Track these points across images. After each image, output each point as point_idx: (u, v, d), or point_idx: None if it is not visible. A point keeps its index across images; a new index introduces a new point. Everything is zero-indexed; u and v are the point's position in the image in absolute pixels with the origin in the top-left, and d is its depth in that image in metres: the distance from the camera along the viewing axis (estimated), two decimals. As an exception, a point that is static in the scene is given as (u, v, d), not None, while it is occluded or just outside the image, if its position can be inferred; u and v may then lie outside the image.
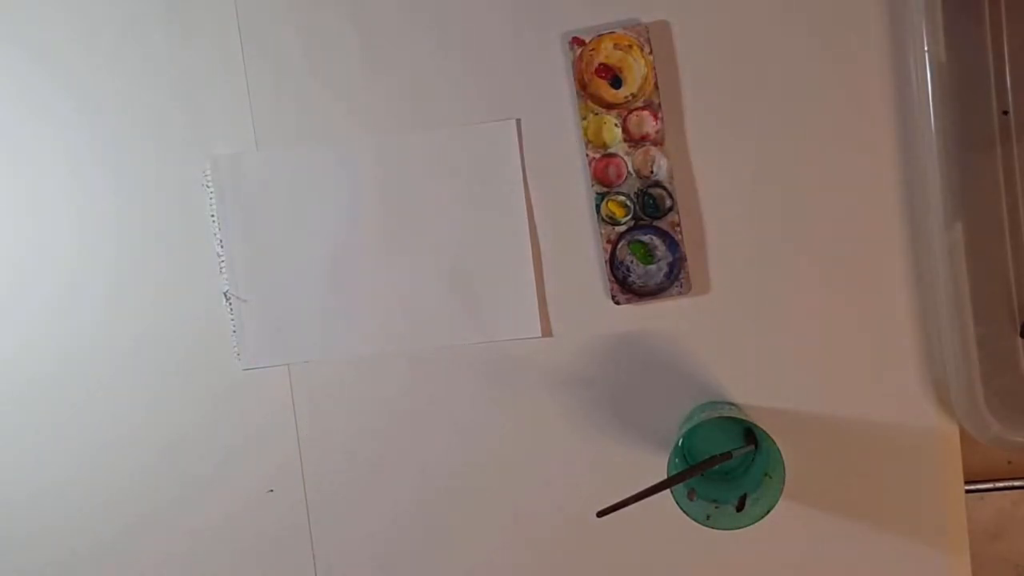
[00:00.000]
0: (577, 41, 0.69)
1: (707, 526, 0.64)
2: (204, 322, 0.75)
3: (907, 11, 0.64)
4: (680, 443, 0.65)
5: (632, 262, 0.71)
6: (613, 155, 0.70)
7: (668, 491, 0.64)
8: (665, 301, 0.71)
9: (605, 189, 0.70)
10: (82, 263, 0.75)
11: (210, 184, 0.74)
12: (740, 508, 0.65)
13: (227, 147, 0.74)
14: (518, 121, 0.71)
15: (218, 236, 0.74)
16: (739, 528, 0.64)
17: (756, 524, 0.63)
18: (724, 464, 0.71)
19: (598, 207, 0.70)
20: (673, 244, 0.70)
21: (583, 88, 0.69)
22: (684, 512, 0.64)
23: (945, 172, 0.63)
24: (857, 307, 0.69)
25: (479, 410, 0.74)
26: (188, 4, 0.73)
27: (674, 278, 0.70)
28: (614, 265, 0.70)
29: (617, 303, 0.71)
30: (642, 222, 0.70)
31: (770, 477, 0.65)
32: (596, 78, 0.70)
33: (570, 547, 0.74)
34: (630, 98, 0.69)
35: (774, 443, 0.63)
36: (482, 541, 0.74)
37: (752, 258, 0.70)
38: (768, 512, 0.63)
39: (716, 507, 0.66)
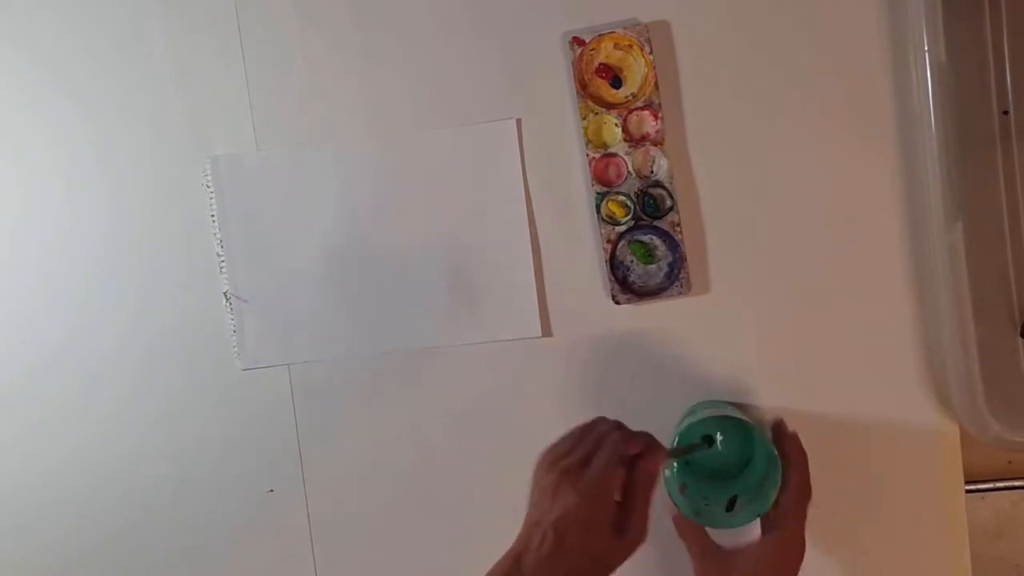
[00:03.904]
0: (577, 41, 0.69)
1: (697, 522, 0.64)
2: (204, 322, 0.75)
3: (907, 11, 0.64)
4: (677, 441, 0.65)
5: (632, 262, 0.71)
6: (613, 155, 0.70)
7: (664, 489, 0.64)
8: (665, 301, 0.71)
9: (605, 189, 0.70)
10: (82, 263, 0.75)
11: (210, 184, 0.74)
12: (730, 509, 0.65)
13: (227, 147, 0.74)
14: (518, 121, 0.71)
15: (218, 236, 0.74)
16: (728, 528, 0.64)
17: (754, 524, 0.64)
18: (720, 463, 0.71)
19: (598, 207, 0.70)
20: (673, 244, 0.70)
21: (583, 88, 0.69)
22: (676, 505, 0.64)
23: (945, 172, 0.63)
24: (857, 307, 0.69)
25: (479, 410, 0.74)
26: (188, 4, 0.73)
27: (674, 278, 0.70)
28: (614, 265, 0.70)
29: (617, 303, 0.71)
30: (642, 222, 0.70)
31: (764, 483, 0.65)
32: (596, 78, 0.70)
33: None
34: (630, 98, 0.69)
35: (773, 448, 0.63)
36: (482, 540, 0.74)
37: (752, 258, 0.70)
38: (758, 516, 0.63)
39: (706, 504, 0.66)
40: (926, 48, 0.62)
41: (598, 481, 0.50)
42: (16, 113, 0.75)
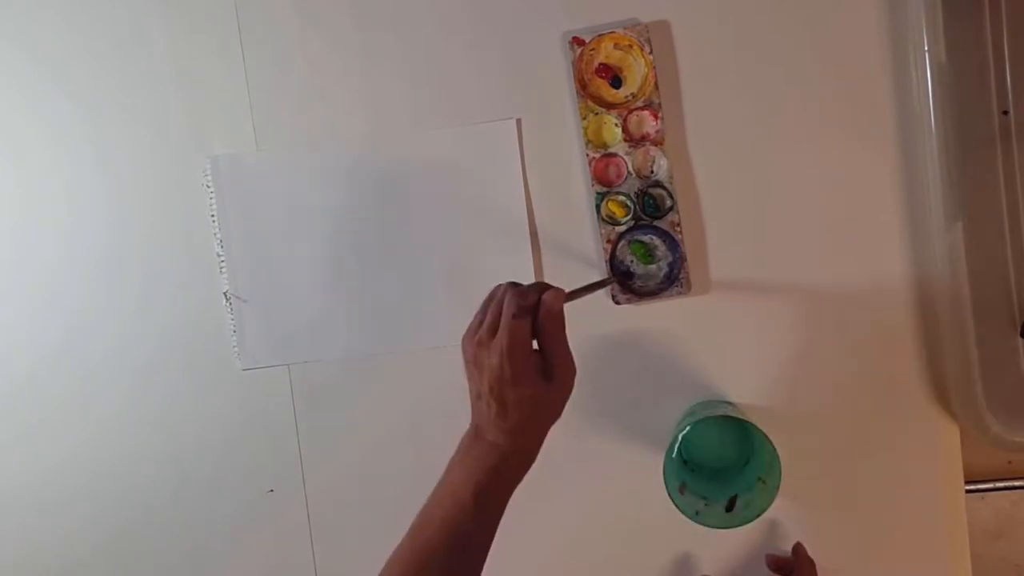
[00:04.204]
0: (577, 41, 0.69)
1: (696, 522, 0.64)
2: (204, 322, 0.75)
3: (907, 11, 0.64)
4: (677, 441, 0.65)
5: (632, 262, 0.71)
6: (613, 155, 0.70)
7: (663, 488, 0.64)
8: (665, 301, 0.70)
9: (605, 189, 0.70)
10: (82, 263, 0.75)
11: (210, 184, 0.74)
12: (730, 509, 0.65)
13: (227, 147, 0.74)
14: (518, 121, 0.71)
15: (218, 236, 0.74)
16: (728, 528, 0.64)
17: (753, 523, 0.64)
18: (718, 462, 0.71)
19: (598, 207, 0.70)
20: (673, 244, 0.70)
21: (583, 88, 0.69)
22: (676, 505, 0.64)
23: (945, 172, 0.63)
24: (857, 307, 0.69)
25: (479, 410, 0.74)
26: (188, 4, 0.73)
27: (674, 278, 0.70)
28: (614, 265, 0.70)
29: (617, 303, 0.71)
30: (642, 222, 0.70)
31: (764, 483, 0.65)
32: (596, 78, 0.70)
33: (569, 544, 0.74)
34: (630, 98, 0.69)
35: (773, 448, 0.63)
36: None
37: (752, 258, 0.70)
38: (758, 516, 0.63)
39: (705, 504, 0.66)
40: (926, 48, 0.62)
41: (509, 338, 0.52)
42: (16, 113, 0.75)
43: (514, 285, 0.57)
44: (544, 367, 0.54)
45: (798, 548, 0.68)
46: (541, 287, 0.56)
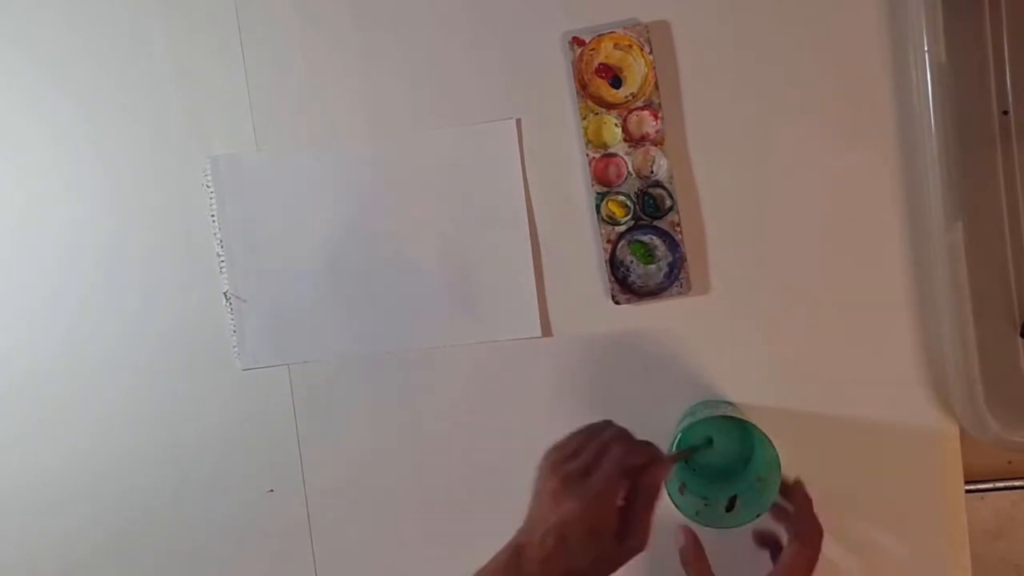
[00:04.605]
0: (577, 41, 0.69)
1: (696, 521, 0.64)
2: (204, 322, 0.75)
3: (907, 11, 0.64)
4: (677, 441, 0.65)
5: (632, 262, 0.71)
6: (613, 155, 0.70)
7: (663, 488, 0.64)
8: (665, 301, 0.71)
9: (605, 189, 0.70)
10: (82, 263, 0.75)
11: (210, 184, 0.74)
12: (730, 508, 0.65)
13: (227, 147, 0.74)
14: (518, 121, 0.71)
15: (218, 236, 0.74)
16: (728, 528, 0.64)
17: (753, 523, 0.64)
18: (720, 463, 0.71)
19: (598, 207, 0.70)
20: (673, 244, 0.70)
21: (583, 88, 0.69)
22: (675, 505, 0.64)
23: (945, 172, 0.63)
24: (857, 307, 0.69)
25: (479, 410, 0.74)
26: (188, 4, 0.73)
27: (674, 278, 0.70)
28: (614, 265, 0.70)
29: (617, 303, 0.71)
30: (642, 222, 0.70)
31: (763, 482, 0.65)
32: (596, 78, 0.70)
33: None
34: (630, 98, 0.69)
35: (772, 448, 0.63)
36: (481, 541, 0.74)
37: (752, 258, 0.70)
38: (758, 516, 0.63)
39: (705, 504, 0.66)
40: (926, 48, 0.62)
41: (601, 492, 0.51)
42: (16, 113, 0.75)
43: (624, 436, 0.55)
44: (620, 526, 0.52)
45: (797, 485, 0.64)
46: (650, 452, 0.54)
